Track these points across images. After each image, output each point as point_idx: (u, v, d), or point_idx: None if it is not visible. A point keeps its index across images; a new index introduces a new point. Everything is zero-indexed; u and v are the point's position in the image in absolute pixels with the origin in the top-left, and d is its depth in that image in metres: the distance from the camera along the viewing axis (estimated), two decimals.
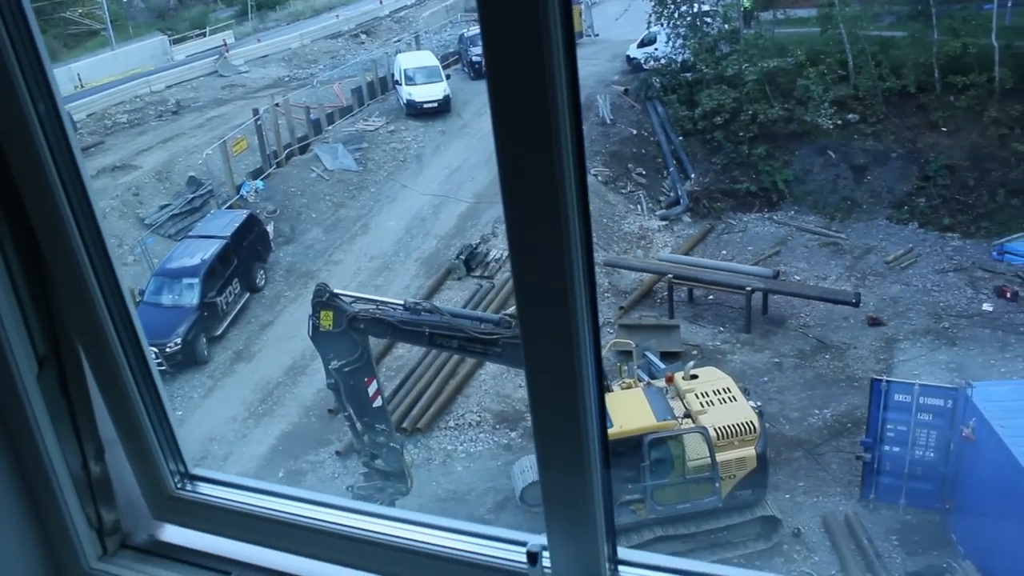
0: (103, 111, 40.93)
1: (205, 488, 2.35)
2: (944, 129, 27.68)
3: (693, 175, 29.29)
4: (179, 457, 2.34)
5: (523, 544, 1.91)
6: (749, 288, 21.67)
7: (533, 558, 1.87)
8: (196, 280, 22.53)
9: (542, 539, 1.88)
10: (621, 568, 1.89)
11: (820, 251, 26.00)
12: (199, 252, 23.51)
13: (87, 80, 47.39)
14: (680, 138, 30.34)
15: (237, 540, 2.25)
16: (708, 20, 32.59)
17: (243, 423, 19.89)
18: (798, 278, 24.49)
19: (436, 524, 2.07)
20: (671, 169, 29.68)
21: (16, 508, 2.16)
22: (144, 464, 2.29)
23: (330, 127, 34.12)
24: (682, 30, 32.31)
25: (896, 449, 15.72)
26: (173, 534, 2.36)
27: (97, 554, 2.29)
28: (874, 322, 22.09)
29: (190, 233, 25.94)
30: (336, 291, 14.49)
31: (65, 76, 47.86)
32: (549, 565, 1.88)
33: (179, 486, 2.34)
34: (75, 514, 2.22)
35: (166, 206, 29.60)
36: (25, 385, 2.06)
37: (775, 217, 27.86)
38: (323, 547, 2.14)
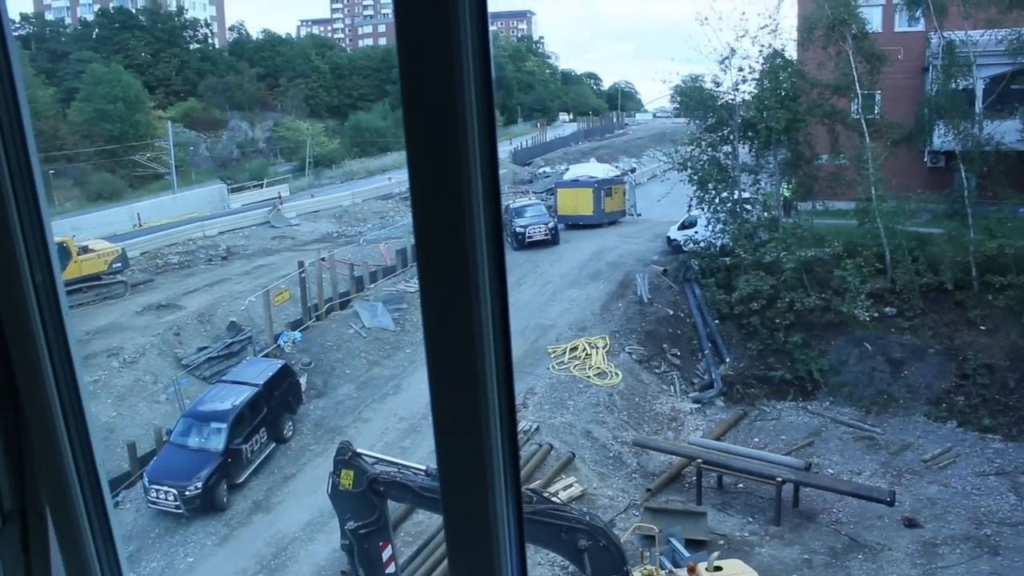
0: (156, 250, 42.32)
1: None
2: (983, 328, 27.58)
3: (728, 359, 29.26)
4: None
5: None
6: (780, 479, 21.16)
7: None
8: (224, 425, 22.52)
9: None
10: None
11: (855, 445, 25.48)
12: (230, 397, 23.63)
13: (145, 220, 49.36)
14: (716, 321, 30.50)
15: None
16: (748, 207, 33.37)
17: None
18: (831, 471, 23.94)
19: None
20: (706, 352, 29.69)
21: None
22: None
23: (372, 285, 34.84)
24: (722, 215, 33.04)
25: None
26: None
27: None
28: (910, 523, 21.33)
29: (224, 377, 26.16)
30: (359, 451, 14.45)
31: (125, 215, 50.03)
32: None
33: None
34: None
35: (204, 348, 30.10)
36: None
37: (809, 407, 27.53)
38: None
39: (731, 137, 33.58)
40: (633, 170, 59.76)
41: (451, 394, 1.60)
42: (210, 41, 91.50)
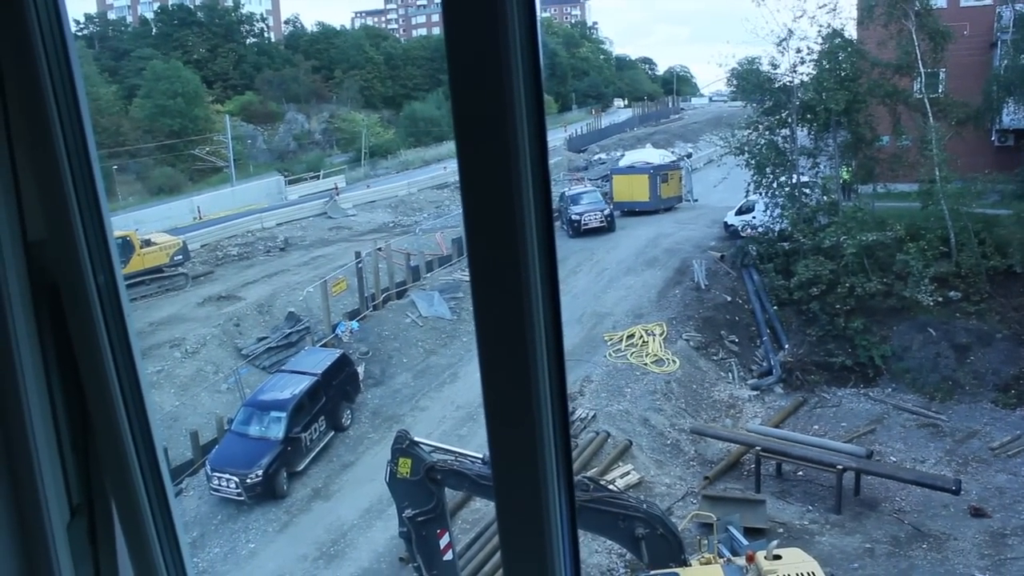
0: (216, 243, 43.01)
1: None
2: None
3: (787, 345, 28.82)
4: None
5: None
6: (841, 466, 20.81)
7: None
8: (284, 414, 22.84)
9: None
10: None
11: (918, 432, 24.95)
12: (289, 387, 23.95)
13: (205, 213, 50.20)
14: (775, 307, 30.06)
15: None
16: (807, 191, 32.79)
17: (313, 563, 19.70)
18: (894, 459, 23.48)
19: None
20: (764, 338, 29.30)
21: None
22: None
23: (428, 274, 35.00)
24: (780, 200, 32.53)
25: None
26: None
27: None
28: (977, 512, 20.80)
29: (283, 367, 26.54)
30: (416, 439, 14.54)
31: (186, 208, 50.94)
32: None
33: None
34: None
35: (264, 338, 30.55)
36: (54, 533, 2.12)
37: (871, 394, 27.02)
38: None
39: (789, 120, 33.02)
40: (689, 155, 59.12)
41: (502, 382, 1.61)
42: (266, 35, 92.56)
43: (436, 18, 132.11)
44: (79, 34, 79.31)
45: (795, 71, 32.97)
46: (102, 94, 64.67)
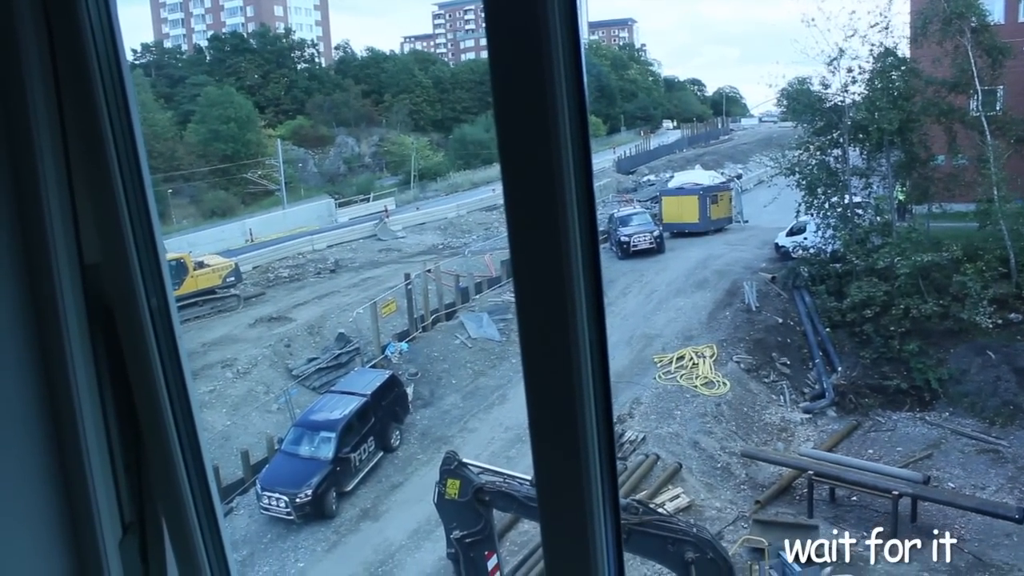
0: (268, 264, 43.53)
1: None
2: None
3: (840, 368, 28.32)
4: None
5: None
6: (897, 492, 20.35)
7: None
8: (333, 434, 23.02)
9: None
10: None
11: (978, 458, 24.29)
12: (339, 407, 24.13)
13: (257, 235, 50.92)
14: (827, 329, 29.59)
15: None
16: (859, 212, 32.36)
17: None
18: (952, 486, 22.88)
19: None
20: (817, 361, 28.84)
21: None
22: None
23: (477, 296, 35.07)
24: (832, 220, 32.13)
25: None
26: None
27: None
28: None
29: (333, 388, 26.77)
30: (465, 460, 14.54)
31: (238, 230, 51.75)
32: None
33: None
34: None
35: (314, 359, 30.82)
36: (107, 550, 2.16)
37: (927, 418, 26.40)
38: None
39: (841, 140, 32.65)
40: (739, 176, 58.66)
41: (547, 403, 1.64)
42: (317, 60, 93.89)
43: (484, 42, 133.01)
44: (136, 63, 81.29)
45: (846, 91, 32.67)
46: (158, 120, 66.10)
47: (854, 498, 21.98)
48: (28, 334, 2.01)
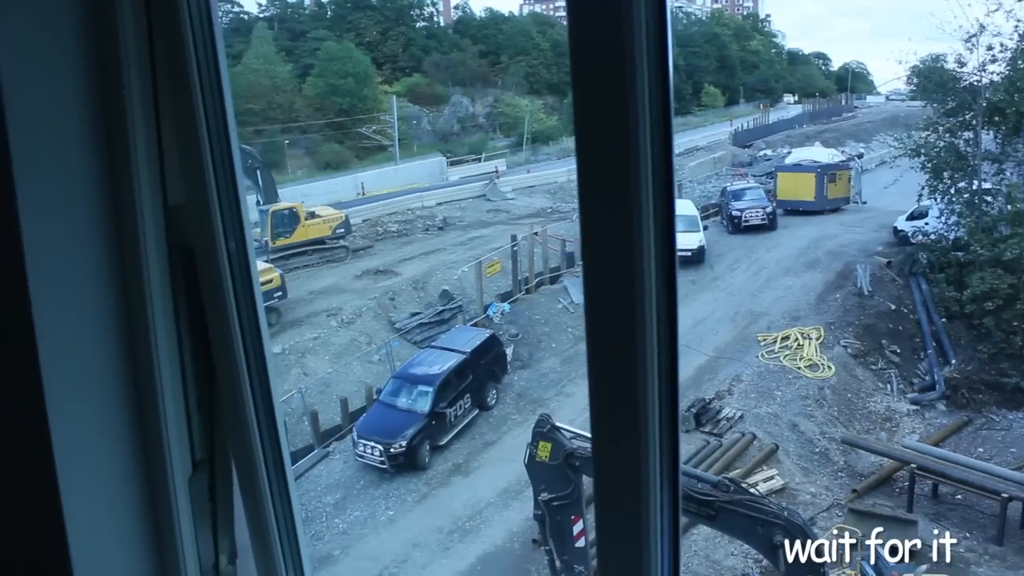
0: (377, 219, 44.22)
1: None
2: None
3: (954, 361, 27.17)
4: (300, 572, 2.48)
5: None
6: (1006, 495, 19.46)
7: None
8: (431, 389, 23.38)
9: None
10: None
11: None
12: (438, 363, 24.47)
13: (368, 189, 51.78)
14: (943, 320, 28.40)
15: None
16: (988, 199, 30.81)
17: (448, 535, 20.08)
18: None
19: None
20: (929, 351, 27.73)
21: None
22: (268, 574, 2.44)
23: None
24: (957, 207, 30.70)
25: None
26: None
27: None
28: None
29: (433, 343, 27.12)
30: (558, 424, 14.53)
31: (350, 183, 52.73)
32: None
33: None
34: None
35: (416, 314, 31.29)
36: (176, 486, 2.21)
37: None
38: None
39: (973, 122, 31.03)
40: (860, 155, 56.65)
41: (609, 379, 1.61)
42: (436, 19, 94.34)
43: None
44: (260, 16, 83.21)
45: (984, 69, 30.95)
46: (278, 72, 67.63)
47: (959, 496, 21.13)
48: (111, 270, 2.05)
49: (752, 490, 15.45)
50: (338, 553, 19.84)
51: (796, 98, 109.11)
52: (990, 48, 30.46)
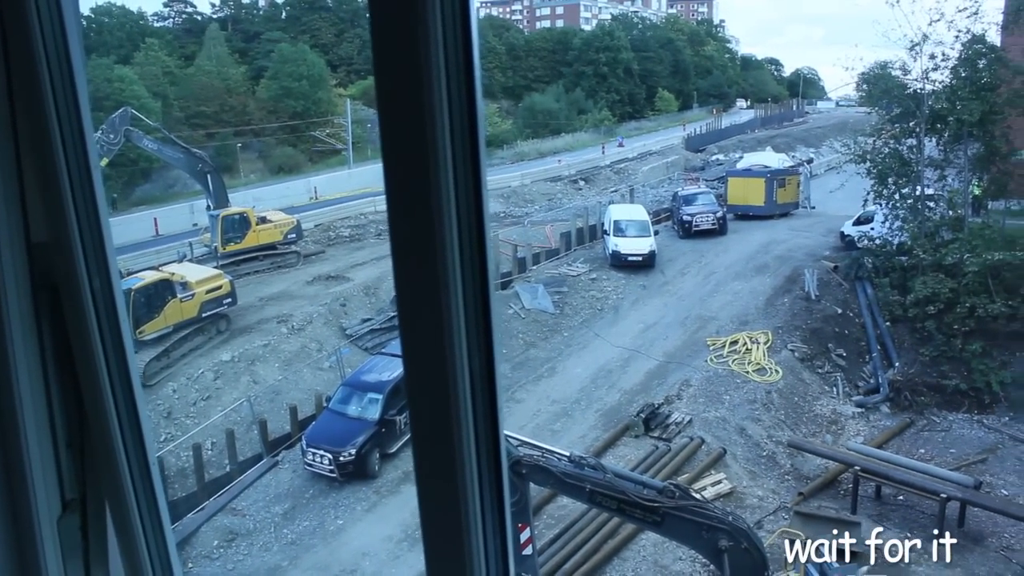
0: (329, 223, 44.03)
1: None
2: None
3: (897, 364, 27.65)
4: None
5: None
6: (945, 495, 19.85)
7: None
8: (381, 396, 23.17)
9: None
10: None
11: None
12: (388, 369, 24.27)
13: (321, 193, 51.52)
14: (887, 323, 28.92)
15: None
16: (931, 204, 31.42)
17: (398, 544, 19.96)
18: (1005, 492, 22.24)
19: None
20: (874, 354, 28.22)
21: None
22: None
23: (534, 267, 35.02)
24: (901, 212, 31.28)
25: None
26: None
27: None
28: None
29: (384, 349, 26.95)
30: (506, 432, 14.54)
31: (303, 187, 52.40)
32: None
33: None
34: None
35: (368, 320, 31.14)
36: (41, 526, 2.17)
37: (985, 421, 25.68)
38: None
39: (917, 129, 31.64)
40: (810, 161, 57.54)
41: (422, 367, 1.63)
42: None
43: (560, 10, 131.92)
44: (213, 17, 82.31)
45: (927, 78, 31.59)
46: (231, 75, 67.00)
47: (901, 497, 21.54)
48: None
49: (697, 495, 15.58)
50: (286, 564, 19.62)
51: (749, 103, 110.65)
52: (932, 57, 31.15)
